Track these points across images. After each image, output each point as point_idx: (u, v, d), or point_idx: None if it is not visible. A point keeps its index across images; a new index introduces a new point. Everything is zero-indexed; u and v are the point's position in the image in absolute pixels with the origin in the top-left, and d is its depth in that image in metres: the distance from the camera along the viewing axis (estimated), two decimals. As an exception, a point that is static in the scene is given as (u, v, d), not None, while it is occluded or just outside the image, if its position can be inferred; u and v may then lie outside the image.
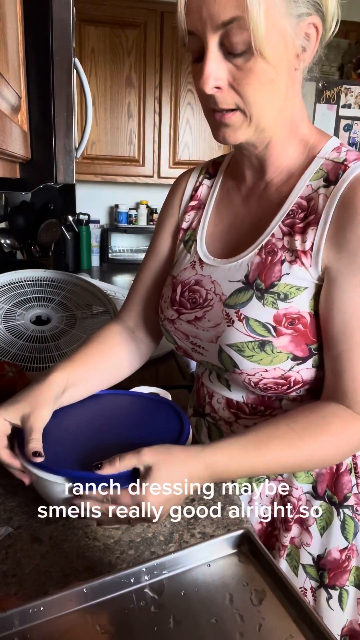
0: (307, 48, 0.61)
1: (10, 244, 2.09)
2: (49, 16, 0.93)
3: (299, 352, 0.67)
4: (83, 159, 2.68)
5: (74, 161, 1.03)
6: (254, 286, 0.69)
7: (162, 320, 0.82)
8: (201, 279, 0.76)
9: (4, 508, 0.71)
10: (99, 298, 1.36)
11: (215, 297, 0.73)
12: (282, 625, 0.45)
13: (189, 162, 2.84)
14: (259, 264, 0.69)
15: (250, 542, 0.53)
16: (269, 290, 0.67)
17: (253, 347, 0.67)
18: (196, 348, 0.77)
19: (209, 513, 0.71)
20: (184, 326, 0.77)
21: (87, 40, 2.54)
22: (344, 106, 3.00)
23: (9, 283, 1.31)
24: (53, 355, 1.16)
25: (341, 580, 0.77)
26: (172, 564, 0.51)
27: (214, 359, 0.73)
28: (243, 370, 0.69)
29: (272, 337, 0.66)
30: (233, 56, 0.58)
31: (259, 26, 0.55)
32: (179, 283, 0.79)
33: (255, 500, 0.80)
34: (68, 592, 0.46)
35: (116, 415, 0.75)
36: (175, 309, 0.78)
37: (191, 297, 0.76)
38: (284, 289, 0.67)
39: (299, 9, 0.58)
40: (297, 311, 0.66)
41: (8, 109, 0.75)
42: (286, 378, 0.68)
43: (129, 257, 3.02)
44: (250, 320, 0.68)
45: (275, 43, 0.58)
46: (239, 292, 0.70)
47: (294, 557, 0.79)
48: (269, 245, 0.69)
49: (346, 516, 0.76)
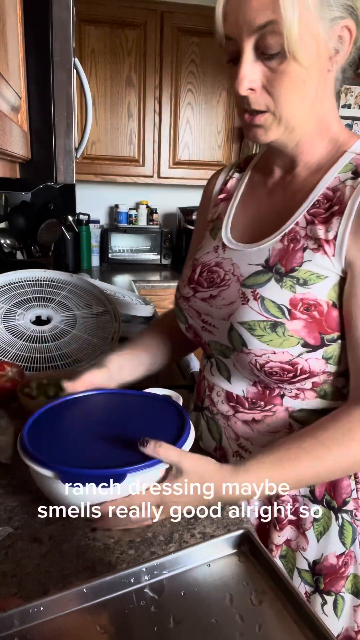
0: (340, 50, 0.63)
1: (10, 244, 2.09)
2: (49, 16, 0.92)
3: (311, 339, 0.66)
4: (83, 159, 2.68)
5: (74, 161, 1.03)
6: (273, 269, 0.69)
7: (177, 298, 0.84)
8: (222, 262, 0.77)
9: (4, 508, 0.71)
10: (99, 298, 1.36)
11: (232, 278, 0.74)
12: (282, 626, 0.45)
13: (189, 162, 2.84)
14: (281, 250, 0.70)
15: (250, 542, 0.53)
16: (289, 274, 0.68)
17: (264, 327, 0.67)
18: (206, 326, 0.77)
19: (209, 513, 0.71)
20: (198, 304, 0.78)
21: (87, 40, 2.54)
22: (344, 106, 3.01)
23: (9, 283, 1.31)
24: (53, 355, 1.16)
25: (337, 587, 0.76)
26: (172, 564, 0.51)
27: (223, 337, 0.74)
28: (251, 349, 0.68)
29: (285, 320, 0.66)
30: (267, 58, 0.61)
31: (292, 30, 0.57)
32: (199, 264, 0.81)
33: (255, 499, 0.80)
34: (68, 592, 0.46)
35: (118, 413, 0.76)
36: (192, 287, 0.80)
37: (209, 276, 0.78)
38: (304, 275, 0.67)
39: (332, 12, 0.60)
40: (314, 298, 0.66)
41: (8, 109, 0.75)
42: (293, 364, 0.67)
43: (129, 257, 3.02)
44: (265, 300, 0.68)
45: (308, 46, 0.60)
46: (257, 274, 0.71)
47: (289, 560, 0.78)
48: (292, 232, 0.70)
49: (344, 521, 0.75)
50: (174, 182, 2.88)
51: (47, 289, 1.33)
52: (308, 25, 0.59)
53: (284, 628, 0.45)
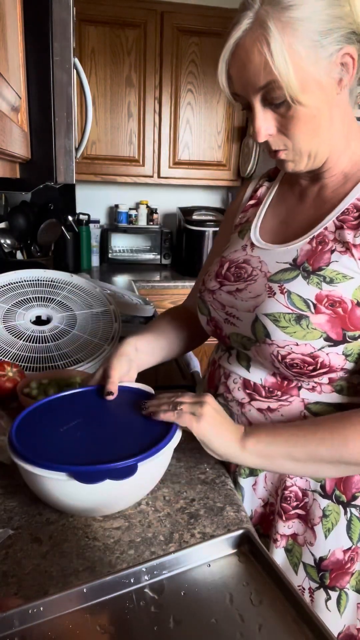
0: (344, 77, 0.66)
1: (10, 244, 2.09)
2: (49, 16, 0.92)
3: (333, 334, 0.68)
4: (83, 159, 2.68)
5: (74, 161, 1.03)
6: (300, 268, 0.73)
7: (201, 292, 0.87)
8: (249, 259, 0.81)
9: (4, 508, 0.71)
10: (99, 298, 1.36)
11: (260, 273, 0.78)
12: (282, 625, 0.45)
13: (189, 162, 2.84)
14: (309, 250, 0.73)
15: (250, 542, 0.53)
16: (316, 272, 0.71)
17: (289, 319, 0.70)
18: (230, 318, 0.80)
19: (209, 513, 0.71)
20: (223, 296, 0.81)
21: (87, 40, 2.54)
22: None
23: (9, 283, 1.31)
24: (53, 355, 1.16)
25: (342, 582, 0.76)
26: (172, 564, 0.51)
27: (246, 329, 0.76)
28: (274, 340, 0.71)
29: (310, 313, 0.69)
30: (276, 107, 0.67)
31: (290, 83, 0.63)
32: (227, 261, 0.84)
33: (259, 484, 0.81)
34: (68, 592, 0.46)
35: (105, 410, 0.76)
36: (219, 280, 0.83)
37: (236, 272, 0.81)
38: (331, 274, 0.70)
39: (326, 50, 0.63)
40: (340, 295, 0.69)
41: (8, 109, 0.75)
42: (314, 357, 0.69)
43: (129, 257, 3.02)
44: (292, 294, 0.71)
45: (310, 89, 0.65)
46: (285, 270, 0.74)
47: (295, 554, 0.79)
48: (320, 236, 0.73)
49: (353, 516, 0.75)
50: (174, 182, 2.88)
51: (47, 289, 1.33)
52: (305, 71, 0.63)
53: (284, 628, 0.45)
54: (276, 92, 0.64)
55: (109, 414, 0.75)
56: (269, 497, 0.81)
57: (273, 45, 0.62)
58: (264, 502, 0.81)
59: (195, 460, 0.85)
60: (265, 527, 0.82)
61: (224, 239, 0.94)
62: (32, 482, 0.65)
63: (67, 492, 0.63)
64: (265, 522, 0.82)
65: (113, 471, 0.61)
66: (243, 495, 0.82)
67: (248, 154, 2.76)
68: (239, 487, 0.82)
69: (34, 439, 0.67)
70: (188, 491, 0.76)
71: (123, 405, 0.77)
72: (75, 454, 0.64)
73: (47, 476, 0.61)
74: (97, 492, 0.63)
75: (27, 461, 0.63)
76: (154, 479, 0.71)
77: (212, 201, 3.25)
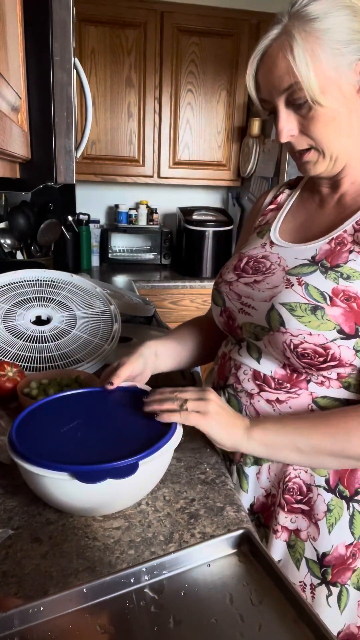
0: None
1: (10, 244, 2.09)
2: (49, 16, 0.93)
3: (347, 327, 0.70)
4: (83, 159, 2.68)
5: (74, 161, 1.03)
6: (319, 264, 0.76)
7: (218, 284, 0.90)
8: (268, 255, 0.84)
9: (4, 508, 0.71)
10: (99, 298, 1.36)
11: (278, 268, 0.81)
12: (282, 625, 0.45)
13: (189, 162, 2.84)
14: (328, 250, 0.76)
15: (250, 542, 0.53)
16: (334, 268, 0.74)
17: (305, 309, 0.72)
18: (244, 308, 0.82)
19: (209, 513, 0.71)
20: (240, 287, 0.84)
21: (87, 40, 2.54)
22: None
23: (9, 283, 1.31)
24: (53, 355, 1.16)
25: (343, 578, 0.77)
26: (172, 564, 0.51)
27: (260, 318, 0.78)
28: (288, 329, 0.73)
29: (325, 305, 0.71)
30: (298, 108, 0.72)
31: (311, 85, 0.68)
32: (245, 256, 0.88)
33: (263, 474, 0.82)
34: (68, 592, 0.46)
35: (104, 410, 0.77)
36: (237, 273, 0.86)
37: (255, 266, 0.85)
38: (348, 271, 0.73)
39: (347, 59, 0.69)
40: (355, 291, 0.71)
41: (8, 109, 0.75)
42: (326, 349, 0.71)
43: (129, 257, 3.02)
44: (309, 286, 0.74)
45: (330, 93, 0.70)
46: (303, 265, 0.77)
47: (297, 549, 0.79)
48: (339, 238, 0.77)
49: (355, 511, 0.76)
50: (174, 182, 2.88)
51: (47, 289, 1.33)
52: (325, 76, 0.69)
53: (284, 628, 0.45)
54: (298, 93, 0.70)
55: (109, 414, 0.75)
56: (271, 488, 0.82)
57: (296, 50, 0.68)
58: (266, 493, 0.83)
59: (195, 460, 0.85)
60: (266, 517, 0.83)
61: (244, 241, 0.98)
62: (33, 482, 0.65)
63: (67, 491, 0.63)
64: (267, 512, 0.83)
65: (114, 470, 0.62)
66: (248, 483, 0.83)
67: (248, 154, 2.76)
68: (244, 475, 0.83)
69: (34, 439, 0.67)
70: (188, 491, 0.76)
71: (123, 406, 0.77)
72: (75, 453, 0.64)
73: (48, 476, 0.61)
74: (98, 492, 0.63)
75: (27, 461, 0.63)
76: (154, 477, 0.72)
77: (212, 201, 3.25)
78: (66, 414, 0.74)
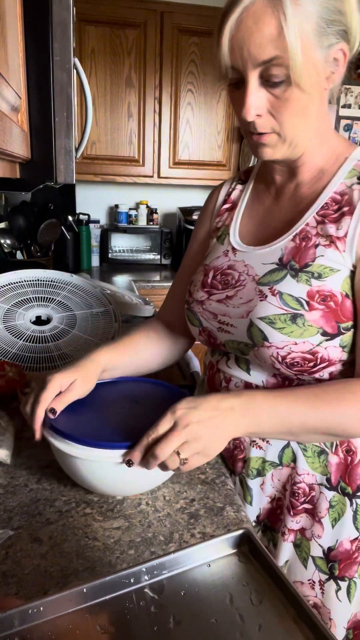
0: (335, 71, 0.67)
1: (10, 244, 2.09)
2: (49, 16, 0.92)
3: (329, 328, 0.69)
4: (83, 159, 2.68)
5: (74, 161, 1.03)
6: (287, 266, 0.73)
7: (189, 303, 0.85)
8: (234, 264, 0.80)
9: (4, 508, 0.71)
10: (99, 298, 1.36)
11: (247, 278, 0.77)
12: (282, 625, 0.45)
13: (189, 162, 2.84)
14: (293, 248, 0.73)
15: (250, 542, 0.53)
16: (303, 269, 0.71)
17: (285, 320, 0.70)
18: (223, 327, 0.79)
19: (209, 513, 0.71)
20: (214, 306, 0.80)
21: (87, 40, 2.54)
22: (344, 106, 3.01)
23: (9, 283, 1.31)
24: (53, 355, 1.16)
25: (350, 572, 0.78)
26: (172, 564, 0.51)
27: (242, 335, 0.75)
28: (272, 342, 0.71)
29: (304, 311, 0.70)
30: (271, 86, 0.65)
31: (297, 62, 0.61)
32: (211, 269, 0.83)
33: (267, 483, 0.81)
34: (68, 592, 0.46)
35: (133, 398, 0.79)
36: (206, 290, 0.82)
37: (223, 279, 0.80)
38: (318, 269, 0.70)
39: (329, 39, 0.63)
40: (329, 289, 0.70)
41: (8, 109, 0.75)
42: (314, 353, 0.70)
43: (129, 257, 3.02)
44: (283, 294, 0.71)
45: (309, 75, 0.64)
46: (272, 272, 0.74)
47: (303, 549, 0.79)
48: (303, 232, 0.73)
49: (358, 507, 0.76)
50: (174, 182, 2.88)
51: (47, 289, 1.33)
52: (309, 56, 0.62)
53: (284, 628, 0.45)
54: (277, 69, 0.62)
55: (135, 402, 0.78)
56: (275, 493, 0.81)
57: (289, 18, 0.59)
58: (270, 499, 0.82)
59: (195, 460, 0.85)
60: (272, 521, 0.83)
61: (199, 245, 0.93)
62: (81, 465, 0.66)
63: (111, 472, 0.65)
64: (273, 516, 0.83)
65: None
66: (252, 496, 0.82)
67: (248, 154, 2.76)
68: (248, 488, 0.82)
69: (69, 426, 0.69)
70: (188, 491, 0.76)
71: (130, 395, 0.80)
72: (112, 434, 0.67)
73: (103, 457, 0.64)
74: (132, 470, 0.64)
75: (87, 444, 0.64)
76: None
77: (212, 201, 3.24)
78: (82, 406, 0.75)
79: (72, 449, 0.65)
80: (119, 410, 0.75)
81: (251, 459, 0.80)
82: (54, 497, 0.73)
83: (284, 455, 0.78)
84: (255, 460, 0.80)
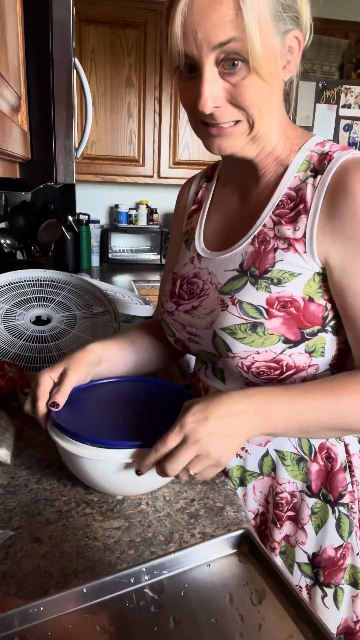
0: (291, 60, 0.64)
1: (10, 244, 2.09)
2: (49, 16, 0.93)
3: (291, 334, 0.68)
4: (83, 159, 2.68)
5: (74, 161, 1.03)
6: (248, 273, 0.71)
7: (162, 314, 0.84)
8: (199, 272, 0.78)
9: (4, 508, 0.71)
10: (99, 298, 1.36)
11: (211, 287, 0.75)
12: (282, 625, 0.45)
13: (189, 162, 2.84)
14: (253, 252, 0.71)
15: (250, 542, 0.53)
16: (263, 276, 0.69)
17: (245, 329, 0.68)
18: (192, 337, 0.78)
19: (209, 513, 0.71)
20: (182, 316, 0.79)
21: (87, 40, 2.54)
22: (344, 106, 3.00)
23: (9, 283, 1.31)
24: (53, 355, 1.16)
25: (336, 579, 0.77)
26: (172, 564, 0.51)
27: (208, 345, 0.74)
28: (236, 353, 0.69)
29: (263, 319, 0.68)
30: (228, 74, 0.60)
31: (256, 46, 0.57)
32: (178, 277, 0.82)
33: (249, 495, 0.80)
34: (68, 592, 0.46)
35: (137, 397, 0.79)
36: (174, 301, 0.81)
37: (189, 289, 0.79)
38: (278, 274, 0.68)
39: (285, 25, 0.61)
40: (289, 295, 0.67)
41: (8, 109, 0.75)
42: (278, 362, 0.68)
43: (129, 257, 3.02)
44: (243, 303, 0.69)
45: (268, 60, 0.60)
46: (233, 279, 0.72)
47: (289, 555, 0.79)
48: (261, 235, 0.71)
49: (341, 514, 0.76)
50: (174, 182, 2.88)
51: (47, 289, 1.33)
52: (267, 41, 0.59)
53: (284, 628, 0.45)
54: (234, 54, 0.58)
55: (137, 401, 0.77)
56: (258, 508, 0.80)
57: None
58: (254, 514, 0.81)
59: (195, 460, 0.84)
60: (260, 539, 0.80)
61: (175, 247, 0.91)
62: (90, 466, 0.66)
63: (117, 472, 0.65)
64: (259, 533, 0.81)
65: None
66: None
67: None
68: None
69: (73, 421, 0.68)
70: (188, 491, 0.76)
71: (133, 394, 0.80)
72: (116, 433, 0.66)
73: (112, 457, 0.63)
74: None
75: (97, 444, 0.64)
76: None
77: (212, 201, 3.24)
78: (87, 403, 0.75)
79: (78, 449, 0.65)
80: (122, 409, 0.75)
81: (232, 468, 0.80)
82: (54, 497, 0.73)
83: (264, 464, 0.77)
84: (237, 469, 0.80)
